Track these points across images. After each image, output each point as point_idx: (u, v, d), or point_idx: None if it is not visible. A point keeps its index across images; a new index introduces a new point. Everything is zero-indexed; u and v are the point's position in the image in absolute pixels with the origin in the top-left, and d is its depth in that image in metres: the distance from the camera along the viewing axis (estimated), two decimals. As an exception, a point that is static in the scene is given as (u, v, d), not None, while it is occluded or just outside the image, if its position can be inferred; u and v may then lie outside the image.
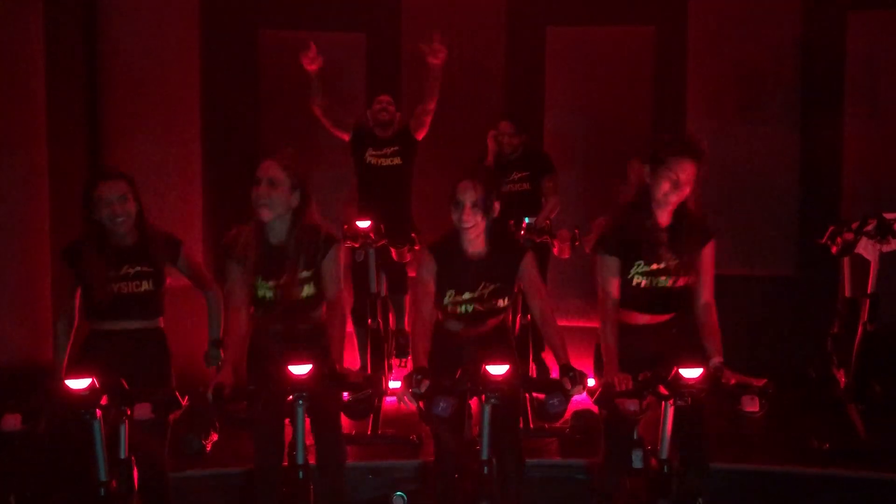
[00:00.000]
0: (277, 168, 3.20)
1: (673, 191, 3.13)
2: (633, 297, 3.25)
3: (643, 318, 3.28)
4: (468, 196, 3.20)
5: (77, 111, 5.26)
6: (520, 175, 5.33)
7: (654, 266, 3.20)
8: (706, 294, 3.24)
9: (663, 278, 3.22)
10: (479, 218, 3.22)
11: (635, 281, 3.22)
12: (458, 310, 3.32)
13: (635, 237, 3.19)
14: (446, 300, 3.31)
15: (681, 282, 3.22)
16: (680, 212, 3.20)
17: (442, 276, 3.29)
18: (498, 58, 6.11)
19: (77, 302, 3.47)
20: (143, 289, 3.40)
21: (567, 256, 4.90)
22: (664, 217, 3.21)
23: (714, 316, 3.22)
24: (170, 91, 5.40)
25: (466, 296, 3.30)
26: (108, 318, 3.41)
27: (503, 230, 4.26)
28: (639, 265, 3.20)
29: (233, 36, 5.81)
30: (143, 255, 3.42)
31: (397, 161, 5.20)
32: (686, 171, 3.11)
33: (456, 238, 3.31)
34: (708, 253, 3.24)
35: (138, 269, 3.39)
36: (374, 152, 5.20)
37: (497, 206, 3.28)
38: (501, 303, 3.35)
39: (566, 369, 3.05)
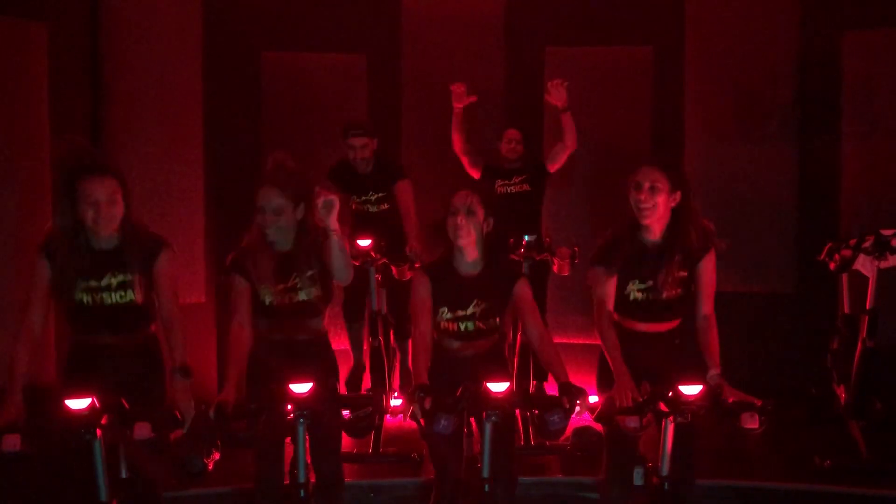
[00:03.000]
0: (276, 194, 3.24)
1: (642, 197, 3.17)
2: (631, 310, 3.31)
3: (644, 327, 3.33)
4: (461, 202, 3.26)
5: (80, 131, 5.30)
6: (520, 178, 5.39)
7: (650, 282, 3.26)
8: (705, 306, 3.29)
9: (660, 293, 3.26)
10: (471, 227, 3.26)
11: (632, 296, 3.28)
12: (452, 326, 3.38)
13: (630, 254, 3.25)
14: (439, 317, 3.37)
15: (676, 292, 3.27)
16: (672, 228, 3.25)
17: (436, 295, 3.35)
18: (498, 78, 6.15)
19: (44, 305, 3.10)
20: (128, 299, 3.14)
21: (567, 273, 4.93)
22: (656, 234, 3.27)
23: (713, 329, 3.26)
24: (173, 112, 5.44)
25: (459, 313, 3.36)
26: (94, 332, 3.17)
27: (501, 248, 4.29)
28: (634, 282, 3.27)
29: (235, 58, 5.85)
30: (127, 260, 3.13)
31: (385, 207, 5.08)
32: (647, 175, 3.18)
33: (449, 258, 3.38)
34: (706, 265, 3.28)
35: (122, 278, 3.12)
36: (358, 199, 5.04)
37: (491, 222, 3.32)
38: (493, 321, 3.39)
39: (565, 387, 3.06)
